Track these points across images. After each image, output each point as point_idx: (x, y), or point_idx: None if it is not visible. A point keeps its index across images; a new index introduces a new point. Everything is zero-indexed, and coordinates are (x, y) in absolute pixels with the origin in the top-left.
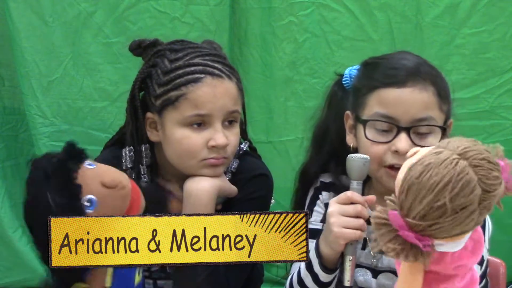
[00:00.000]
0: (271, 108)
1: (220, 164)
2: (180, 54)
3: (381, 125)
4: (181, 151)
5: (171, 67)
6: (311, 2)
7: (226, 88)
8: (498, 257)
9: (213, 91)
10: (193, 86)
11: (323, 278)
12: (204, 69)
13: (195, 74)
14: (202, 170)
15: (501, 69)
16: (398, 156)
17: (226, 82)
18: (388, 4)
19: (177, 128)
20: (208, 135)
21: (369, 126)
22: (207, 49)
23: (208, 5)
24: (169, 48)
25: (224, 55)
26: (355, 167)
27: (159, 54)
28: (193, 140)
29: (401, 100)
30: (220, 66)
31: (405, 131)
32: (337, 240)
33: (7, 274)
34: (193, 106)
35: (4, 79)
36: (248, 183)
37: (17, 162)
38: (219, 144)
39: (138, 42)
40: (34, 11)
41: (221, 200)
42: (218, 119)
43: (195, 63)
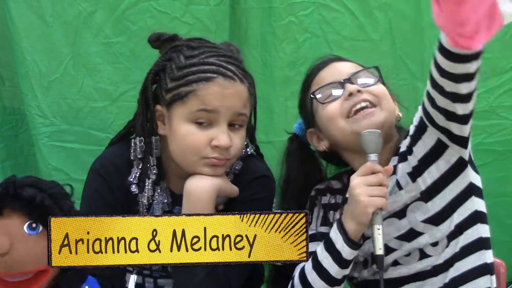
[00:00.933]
0: (271, 108)
1: (221, 165)
2: (196, 51)
3: (325, 92)
4: (184, 146)
5: (186, 63)
6: (311, 2)
7: (237, 90)
8: (498, 257)
9: (223, 91)
10: (204, 84)
11: (347, 255)
12: (218, 69)
13: (208, 73)
14: (203, 168)
15: (501, 69)
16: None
17: (238, 84)
18: (388, 4)
19: (183, 124)
20: (212, 134)
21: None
22: (223, 50)
23: (208, 5)
24: (187, 44)
25: (240, 59)
26: (371, 141)
27: (176, 49)
28: (197, 137)
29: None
30: (233, 68)
31: (348, 82)
32: (366, 210)
33: None
34: (201, 102)
35: (4, 79)
36: (251, 184)
37: (17, 162)
38: (222, 145)
39: (158, 35)
40: (34, 11)
41: (223, 200)
42: (224, 119)
43: (209, 62)
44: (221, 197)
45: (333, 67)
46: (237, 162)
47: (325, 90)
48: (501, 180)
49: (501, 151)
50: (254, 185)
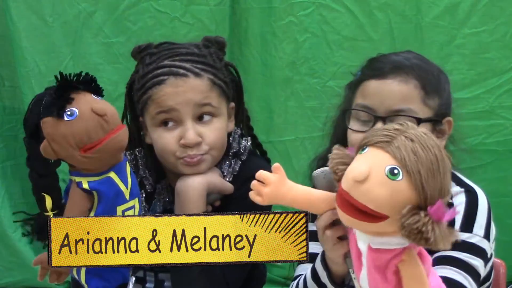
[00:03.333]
0: (271, 108)
1: (196, 163)
2: (155, 57)
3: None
4: (160, 151)
5: (144, 71)
6: (311, 2)
7: (191, 85)
8: (498, 257)
9: (175, 90)
10: (157, 88)
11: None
12: (169, 70)
13: (160, 76)
14: (183, 168)
15: (501, 69)
16: None
17: (191, 80)
18: (388, 4)
19: (153, 129)
20: (179, 133)
21: (352, 116)
22: (183, 49)
23: (208, 5)
24: (150, 52)
25: (204, 53)
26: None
27: (141, 60)
28: (165, 140)
29: (378, 91)
30: (188, 65)
31: (381, 121)
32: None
33: (7, 274)
34: (157, 105)
35: (4, 79)
36: (248, 181)
37: (17, 162)
38: (189, 142)
39: (137, 48)
40: (34, 11)
41: (217, 197)
42: (187, 115)
43: (162, 65)
44: (213, 193)
45: (383, 84)
46: (235, 161)
47: (358, 114)
48: (501, 180)
49: (501, 151)
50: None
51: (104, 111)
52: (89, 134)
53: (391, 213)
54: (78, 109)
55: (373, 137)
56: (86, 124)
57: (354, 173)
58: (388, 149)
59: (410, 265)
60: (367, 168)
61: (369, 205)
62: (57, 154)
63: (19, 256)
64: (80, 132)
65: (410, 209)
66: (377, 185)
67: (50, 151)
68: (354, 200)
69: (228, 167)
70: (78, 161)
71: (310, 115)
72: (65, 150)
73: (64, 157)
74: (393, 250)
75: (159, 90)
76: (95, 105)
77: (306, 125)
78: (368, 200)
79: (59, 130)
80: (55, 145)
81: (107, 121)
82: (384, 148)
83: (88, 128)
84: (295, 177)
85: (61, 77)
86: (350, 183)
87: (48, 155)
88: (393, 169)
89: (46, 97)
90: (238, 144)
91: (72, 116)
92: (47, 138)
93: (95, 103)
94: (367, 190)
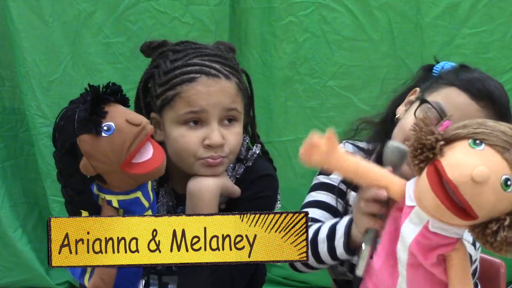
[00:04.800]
0: (271, 108)
1: (217, 164)
2: (181, 54)
3: (431, 111)
4: (179, 149)
5: (170, 67)
6: (311, 2)
7: (222, 87)
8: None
9: (207, 90)
10: (187, 85)
11: (340, 254)
12: (201, 68)
13: (191, 74)
14: (201, 169)
15: (501, 69)
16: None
17: (223, 81)
18: (388, 4)
19: (174, 127)
20: (203, 133)
21: (422, 108)
22: (209, 50)
23: (208, 5)
24: (172, 49)
25: (229, 56)
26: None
27: (162, 55)
28: (188, 139)
29: (459, 106)
30: (218, 66)
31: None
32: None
33: (7, 274)
34: (187, 104)
35: (4, 79)
36: (254, 183)
37: (17, 162)
38: (214, 143)
39: (148, 43)
40: (34, 11)
41: (224, 199)
42: (214, 117)
43: (192, 63)
44: (223, 196)
45: (470, 106)
46: (239, 166)
47: (430, 110)
48: None
49: None
50: (257, 184)
51: (140, 120)
52: (128, 146)
53: (484, 217)
54: (114, 123)
55: (492, 136)
56: (124, 137)
57: (476, 173)
58: (506, 155)
59: (461, 254)
60: (489, 172)
61: (473, 206)
62: (96, 170)
63: (19, 256)
64: (120, 146)
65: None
66: (490, 192)
67: (90, 168)
68: (461, 196)
69: (232, 170)
70: (117, 178)
71: (310, 115)
72: (106, 166)
73: (103, 173)
74: (448, 238)
75: (191, 88)
76: (129, 116)
77: (306, 125)
78: (475, 202)
79: (99, 147)
80: (95, 162)
81: (144, 128)
82: (502, 154)
83: (126, 141)
84: (295, 177)
85: (93, 90)
86: (464, 179)
87: (88, 172)
88: (507, 180)
89: (79, 113)
90: (247, 150)
91: (109, 131)
92: (85, 155)
93: (127, 114)
94: (480, 194)
